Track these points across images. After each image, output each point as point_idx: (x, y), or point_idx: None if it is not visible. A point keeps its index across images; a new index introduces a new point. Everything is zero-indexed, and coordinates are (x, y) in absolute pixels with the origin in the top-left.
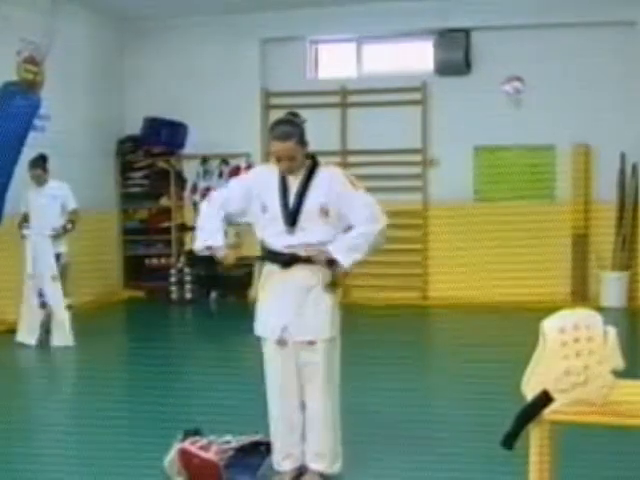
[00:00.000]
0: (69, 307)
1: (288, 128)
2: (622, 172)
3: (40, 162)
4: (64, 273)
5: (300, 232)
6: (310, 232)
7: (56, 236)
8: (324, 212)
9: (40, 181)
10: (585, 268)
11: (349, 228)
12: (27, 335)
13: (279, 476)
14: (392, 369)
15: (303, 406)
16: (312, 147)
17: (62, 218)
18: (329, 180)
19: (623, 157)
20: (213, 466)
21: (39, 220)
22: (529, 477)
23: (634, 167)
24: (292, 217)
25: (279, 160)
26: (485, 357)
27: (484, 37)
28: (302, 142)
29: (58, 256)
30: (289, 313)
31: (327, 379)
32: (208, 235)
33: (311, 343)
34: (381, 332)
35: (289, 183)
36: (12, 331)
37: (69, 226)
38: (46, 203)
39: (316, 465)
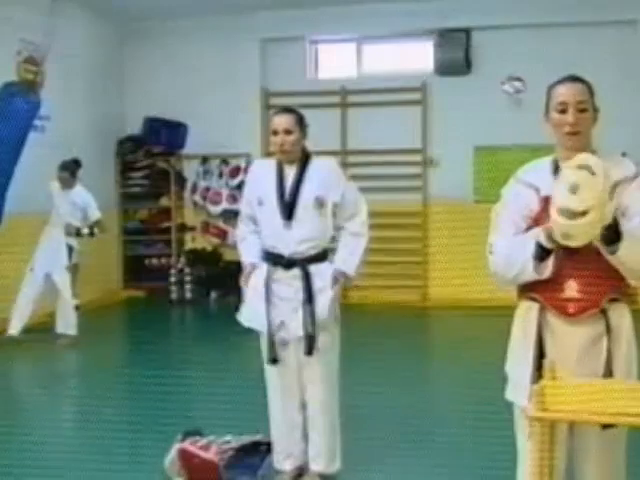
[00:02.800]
0: (77, 308)
1: (287, 109)
2: None
3: (71, 165)
4: (74, 273)
5: (297, 226)
6: (307, 226)
7: (69, 233)
8: (319, 203)
9: (65, 184)
10: None
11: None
12: (15, 324)
13: (279, 476)
14: (391, 370)
15: (304, 406)
16: (312, 147)
17: (81, 224)
18: (326, 170)
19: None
20: (213, 466)
21: (61, 223)
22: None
23: None
24: (288, 209)
25: (275, 134)
26: (485, 358)
27: (484, 37)
28: (301, 125)
29: (71, 249)
30: (287, 310)
31: (327, 378)
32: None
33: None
34: (380, 332)
35: (285, 175)
36: None
37: (85, 230)
38: (67, 210)
39: (316, 465)
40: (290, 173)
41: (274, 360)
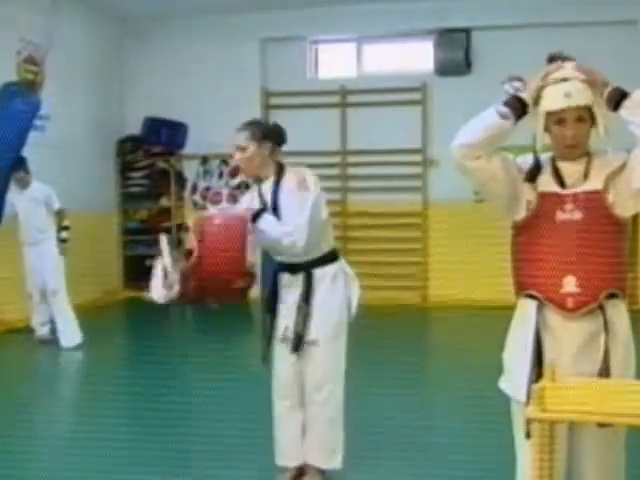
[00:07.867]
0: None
1: (246, 124)
2: None
3: (21, 164)
4: None
5: None
6: None
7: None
8: None
9: (23, 184)
10: None
11: None
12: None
13: (281, 475)
14: (391, 371)
15: (306, 404)
16: (312, 147)
17: (48, 219)
18: (287, 182)
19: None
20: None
21: (25, 224)
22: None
23: None
24: None
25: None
26: (485, 359)
27: (484, 37)
28: (259, 139)
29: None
30: (291, 313)
31: (330, 377)
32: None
33: (313, 342)
34: (380, 333)
35: (264, 193)
36: (12, 331)
37: (64, 235)
38: (29, 207)
39: (315, 461)
40: (267, 191)
41: (264, 359)
